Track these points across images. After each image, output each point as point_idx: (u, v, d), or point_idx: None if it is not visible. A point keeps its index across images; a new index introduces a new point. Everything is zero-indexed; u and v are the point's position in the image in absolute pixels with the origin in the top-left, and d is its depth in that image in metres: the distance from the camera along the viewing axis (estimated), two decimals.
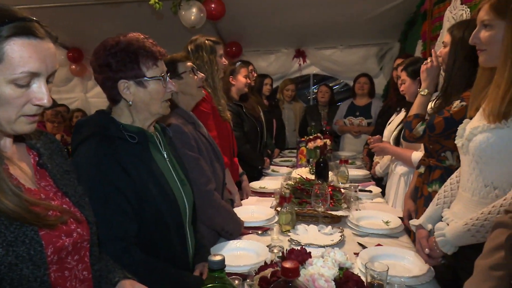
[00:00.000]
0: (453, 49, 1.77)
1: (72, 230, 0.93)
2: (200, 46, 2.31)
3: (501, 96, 1.18)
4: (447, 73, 1.81)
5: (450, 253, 1.32)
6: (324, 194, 1.91)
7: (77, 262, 0.95)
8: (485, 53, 1.30)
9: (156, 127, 1.45)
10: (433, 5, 3.38)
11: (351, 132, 4.32)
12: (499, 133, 1.21)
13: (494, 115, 1.20)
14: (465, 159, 1.37)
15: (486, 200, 1.27)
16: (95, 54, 1.26)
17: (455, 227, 1.29)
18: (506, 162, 1.22)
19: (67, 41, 5.63)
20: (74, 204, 0.98)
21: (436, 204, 1.54)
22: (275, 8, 4.29)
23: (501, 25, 1.21)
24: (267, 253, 1.59)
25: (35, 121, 0.88)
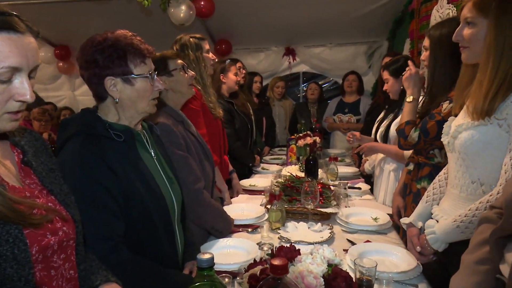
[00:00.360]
0: (432, 50, 1.80)
1: (58, 229, 0.92)
2: (185, 44, 2.30)
3: (484, 93, 1.20)
4: (430, 74, 1.84)
5: (441, 250, 1.34)
6: (314, 191, 1.92)
7: (63, 261, 0.93)
8: (468, 50, 1.31)
9: (144, 125, 1.44)
10: (421, 4, 3.41)
11: (340, 129, 4.35)
12: (483, 130, 1.23)
13: (478, 112, 1.22)
14: (452, 156, 1.39)
15: (474, 196, 1.29)
16: (82, 50, 1.24)
17: (444, 224, 1.31)
18: (491, 158, 1.24)
19: (54, 38, 5.55)
20: (59, 202, 0.97)
21: (425, 201, 1.56)
22: (264, 6, 4.29)
23: (483, 23, 1.23)
24: (257, 251, 1.59)
25: (18, 118, 0.87)
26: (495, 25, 1.18)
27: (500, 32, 1.17)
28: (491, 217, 1.05)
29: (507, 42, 1.16)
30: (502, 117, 1.18)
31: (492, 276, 0.98)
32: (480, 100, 1.21)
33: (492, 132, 1.21)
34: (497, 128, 1.20)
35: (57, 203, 0.96)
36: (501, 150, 1.21)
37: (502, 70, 1.17)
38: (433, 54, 1.80)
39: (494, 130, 1.21)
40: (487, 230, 1.02)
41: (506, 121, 1.18)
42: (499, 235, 0.95)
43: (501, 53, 1.17)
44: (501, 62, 1.17)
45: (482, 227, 1.06)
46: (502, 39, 1.17)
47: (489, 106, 1.19)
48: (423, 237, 1.41)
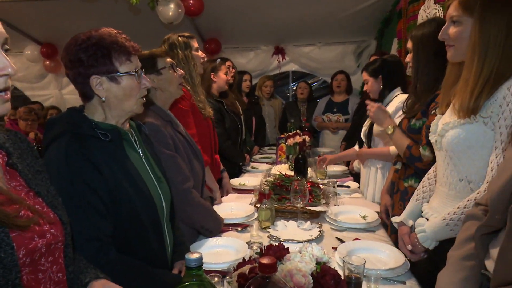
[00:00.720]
0: (415, 50, 1.83)
1: (45, 231, 0.90)
2: (174, 44, 2.28)
3: (469, 92, 1.21)
4: (414, 74, 1.86)
5: (432, 248, 1.35)
6: (303, 190, 1.93)
7: (51, 264, 0.92)
8: (453, 49, 1.33)
9: (132, 124, 1.43)
10: (408, 4, 3.45)
11: (329, 128, 4.38)
12: (469, 128, 1.25)
13: (464, 110, 1.23)
14: (440, 154, 1.41)
15: (462, 194, 1.30)
16: (66, 50, 1.22)
17: (434, 223, 1.33)
18: (477, 156, 1.25)
19: (41, 36, 5.47)
20: (47, 204, 0.96)
21: (415, 200, 1.57)
22: (254, 5, 4.29)
23: (469, 22, 1.24)
24: (247, 250, 1.59)
25: (7, 99, 0.86)
26: (480, 23, 1.19)
27: (484, 30, 1.19)
28: (476, 214, 1.07)
29: (491, 41, 1.18)
30: (487, 115, 1.20)
31: (477, 271, 1.00)
32: (466, 98, 1.22)
33: (478, 130, 1.23)
34: (483, 126, 1.22)
35: (45, 205, 0.95)
36: (487, 148, 1.22)
37: (487, 68, 1.19)
38: (416, 54, 1.82)
39: (479, 128, 1.23)
40: (472, 226, 1.03)
41: (491, 119, 1.20)
42: (484, 231, 0.97)
43: (485, 51, 1.19)
44: (486, 60, 1.19)
45: (467, 223, 1.08)
46: (487, 38, 1.18)
47: (475, 104, 1.21)
48: (413, 236, 1.43)
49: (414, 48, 1.83)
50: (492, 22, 1.18)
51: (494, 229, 0.95)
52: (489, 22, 1.18)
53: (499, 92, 1.17)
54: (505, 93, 1.16)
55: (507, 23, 1.16)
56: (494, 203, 0.93)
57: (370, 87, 2.57)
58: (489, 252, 0.97)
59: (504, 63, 1.17)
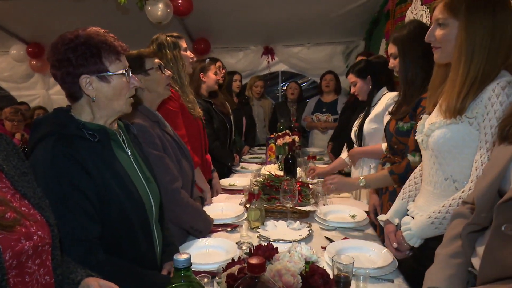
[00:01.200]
0: (400, 53, 1.85)
1: (32, 233, 0.89)
2: (162, 44, 2.27)
3: (456, 93, 1.23)
4: (401, 77, 1.88)
5: (417, 246, 1.37)
6: (293, 190, 1.93)
7: (38, 267, 0.91)
8: (440, 51, 1.34)
9: (120, 125, 1.41)
10: (396, 5, 3.48)
11: (318, 128, 4.40)
12: (455, 128, 1.27)
13: (450, 111, 1.25)
14: (426, 154, 1.42)
15: (447, 192, 1.32)
16: (53, 49, 1.20)
17: (419, 221, 1.35)
18: (462, 155, 1.27)
19: (27, 36, 5.39)
20: (33, 206, 0.94)
21: (401, 198, 1.59)
22: (243, 5, 4.28)
23: (454, 24, 1.26)
24: (236, 250, 1.59)
25: None
26: (466, 26, 1.21)
27: (470, 32, 1.21)
28: (463, 212, 1.09)
29: (477, 42, 1.20)
30: (473, 116, 1.22)
31: (464, 269, 1.02)
32: (453, 99, 1.24)
33: (463, 130, 1.25)
34: (468, 126, 1.24)
35: (31, 207, 0.94)
36: (472, 148, 1.25)
37: (473, 69, 1.20)
38: (402, 57, 1.84)
39: (465, 128, 1.25)
40: (459, 225, 1.05)
41: (476, 119, 1.22)
42: (471, 230, 0.98)
43: (472, 52, 1.21)
44: (472, 62, 1.21)
45: (455, 222, 1.10)
46: (473, 39, 1.20)
47: (461, 105, 1.23)
48: (399, 234, 1.44)
49: (400, 51, 1.85)
50: (478, 25, 1.20)
51: (480, 227, 0.97)
52: (474, 25, 1.20)
53: (484, 93, 1.19)
54: (490, 94, 1.18)
55: (492, 25, 1.19)
56: (481, 201, 0.95)
57: (359, 88, 2.59)
58: (475, 250, 0.99)
59: (490, 64, 1.20)
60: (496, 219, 0.86)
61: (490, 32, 1.19)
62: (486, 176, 0.96)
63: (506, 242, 0.82)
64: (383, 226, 1.62)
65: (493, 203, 0.90)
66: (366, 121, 2.52)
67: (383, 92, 2.49)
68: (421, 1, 2.73)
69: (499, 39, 1.19)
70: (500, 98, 1.15)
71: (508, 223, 0.83)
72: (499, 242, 0.84)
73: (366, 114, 2.56)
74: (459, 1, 1.23)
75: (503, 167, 0.90)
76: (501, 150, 0.95)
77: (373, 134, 2.49)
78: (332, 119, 4.34)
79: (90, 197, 1.18)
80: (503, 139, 0.94)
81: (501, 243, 0.84)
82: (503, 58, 1.19)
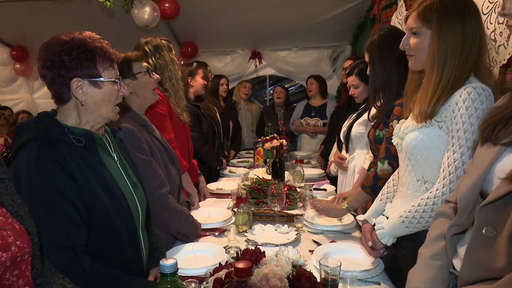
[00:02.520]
0: (370, 60, 1.89)
1: (10, 244, 0.86)
2: (159, 46, 2.26)
3: (429, 98, 1.28)
4: (370, 84, 1.93)
5: (389, 244, 1.41)
6: (280, 193, 1.93)
7: (16, 278, 0.87)
8: (414, 58, 1.39)
9: (106, 129, 1.40)
10: (381, 10, 3.54)
11: (307, 132, 4.42)
12: (425, 132, 1.32)
13: (422, 115, 1.30)
14: (400, 156, 1.48)
15: (419, 193, 1.37)
16: (46, 49, 1.19)
17: (391, 220, 1.39)
18: (432, 157, 1.32)
19: (11, 39, 5.30)
20: (12, 215, 0.91)
21: (380, 199, 1.63)
22: (230, 9, 4.29)
23: (427, 33, 1.30)
24: (224, 255, 1.59)
25: None
26: (438, 35, 1.26)
27: (442, 41, 1.26)
28: (446, 212, 1.11)
29: (449, 50, 1.25)
30: (442, 120, 1.27)
31: (445, 270, 1.03)
32: (425, 104, 1.29)
33: (433, 133, 1.30)
34: (438, 130, 1.29)
35: (9, 215, 0.91)
36: (441, 150, 1.30)
37: (446, 76, 1.26)
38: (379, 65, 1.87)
39: (435, 132, 1.30)
40: (442, 224, 1.07)
41: (445, 123, 1.27)
42: (455, 231, 1.00)
43: (444, 60, 1.26)
44: (445, 69, 1.26)
45: (437, 221, 1.12)
46: (445, 48, 1.25)
47: (432, 109, 1.28)
48: (374, 233, 1.48)
49: (370, 57, 1.90)
50: (449, 34, 1.25)
51: (463, 229, 0.99)
52: (446, 34, 1.25)
53: (452, 98, 1.25)
54: (457, 99, 1.23)
55: (462, 34, 1.24)
56: (463, 202, 0.96)
57: (360, 92, 2.49)
58: (456, 251, 1.01)
59: (460, 71, 1.25)
60: (477, 221, 0.87)
61: (461, 41, 1.24)
62: (469, 176, 0.98)
63: (487, 244, 0.84)
64: (361, 226, 1.65)
65: (475, 204, 0.92)
66: (356, 123, 2.53)
67: None
68: (405, 7, 2.78)
69: (468, 47, 1.24)
70: (466, 103, 1.20)
71: (488, 226, 0.84)
72: (480, 244, 0.86)
73: (358, 116, 2.57)
74: (431, 11, 1.28)
75: (485, 169, 0.92)
76: (483, 151, 0.97)
77: (359, 138, 2.51)
78: (321, 123, 4.36)
79: (75, 203, 1.16)
80: (485, 140, 0.96)
81: (482, 245, 0.85)
82: (471, 64, 1.25)
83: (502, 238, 0.80)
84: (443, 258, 1.04)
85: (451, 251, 1.01)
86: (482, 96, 1.19)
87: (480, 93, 1.19)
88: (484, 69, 1.26)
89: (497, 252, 0.81)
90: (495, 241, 0.82)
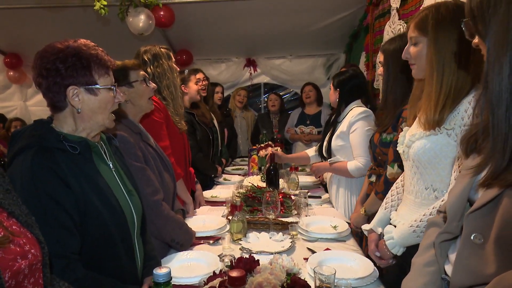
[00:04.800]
0: (386, 64, 1.91)
1: (27, 252, 0.88)
2: (158, 54, 2.27)
3: (433, 106, 1.29)
4: (384, 88, 1.94)
5: (400, 254, 1.40)
6: (275, 201, 1.93)
7: (32, 285, 0.89)
8: (415, 67, 1.41)
9: (102, 137, 1.40)
10: (375, 20, 3.58)
11: (302, 140, 4.43)
12: (434, 139, 1.32)
13: (429, 123, 1.31)
14: (407, 164, 1.47)
15: (427, 201, 1.37)
16: (41, 58, 1.19)
17: (401, 229, 1.38)
18: (441, 165, 1.33)
19: (4, 46, 5.29)
20: (22, 224, 0.92)
21: (384, 208, 1.63)
22: (225, 17, 4.32)
23: (425, 41, 1.33)
24: (218, 263, 1.58)
25: None
26: (434, 43, 1.29)
27: (438, 49, 1.28)
28: (437, 221, 1.11)
29: (446, 58, 1.27)
30: (451, 127, 1.28)
31: (438, 276, 1.04)
32: (431, 112, 1.30)
33: (442, 141, 1.31)
34: (446, 138, 1.30)
35: (20, 225, 0.92)
36: (450, 158, 1.30)
37: (446, 82, 1.27)
38: (387, 69, 1.90)
39: (443, 139, 1.30)
40: (433, 233, 1.08)
41: (454, 130, 1.28)
42: (444, 238, 1.01)
43: (442, 67, 1.28)
44: (444, 76, 1.27)
45: (429, 231, 1.13)
46: (442, 55, 1.27)
47: (439, 117, 1.28)
48: (382, 242, 1.47)
49: (385, 62, 1.91)
50: (445, 41, 1.27)
51: (453, 236, 0.99)
52: (441, 41, 1.28)
53: (461, 106, 1.26)
54: (466, 106, 1.24)
55: (457, 40, 1.25)
56: (451, 210, 0.97)
57: (331, 96, 2.60)
58: (448, 257, 1.01)
59: (462, 77, 1.26)
60: (465, 228, 0.88)
61: (456, 47, 1.26)
62: (457, 185, 0.99)
63: (475, 250, 0.85)
64: (367, 235, 1.65)
65: (463, 212, 0.92)
66: (334, 137, 2.54)
67: (350, 107, 2.48)
68: (398, 16, 2.82)
69: (466, 54, 1.24)
70: None
71: (476, 232, 0.85)
72: (469, 250, 0.87)
73: (334, 130, 2.57)
74: (427, 20, 1.31)
75: (472, 177, 0.93)
76: (469, 161, 0.98)
77: (340, 151, 2.51)
78: (316, 132, 4.37)
79: (69, 211, 1.16)
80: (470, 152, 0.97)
81: (471, 251, 0.86)
82: (474, 72, 1.25)
83: (489, 244, 0.81)
84: (435, 265, 1.05)
85: (442, 257, 1.02)
86: None
87: None
88: None
89: (486, 258, 0.81)
90: (484, 247, 0.83)
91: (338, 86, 2.52)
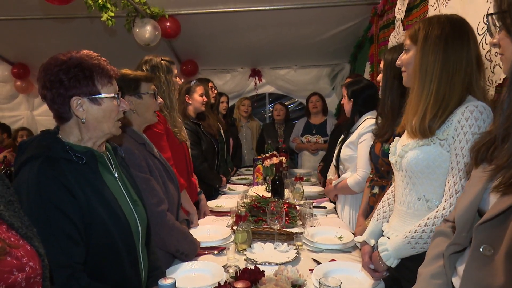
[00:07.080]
0: (384, 72, 1.92)
1: (24, 264, 0.87)
2: (157, 66, 2.29)
3: (420, 115, 1.30)
4: (382, 96, 1.95)
5: (394, 266, 1.39)
6: (280, 211, 1.93)
7: None
8: (406, 74, 1.44)
9: (107, 147, 1.41)
10: (379, 30, 3.59)
11: (308, 150, 4.43)
12: (427, 150, 1.32)
13: (421, 132, 1.31)
14: (399, 174, 1.47)
15: (420, 212, 1.36)
16: (45, 70, 1.21)
17: (396, 241, 1.37)
18: (434, 176, 1.32)
19: (12, 56, 5.36)
20: (22, 237, 0.92)
21: (376, 219, 1.62)
22: (230, 28, 4.36)
23: (414, 49, 1.36)
24: (223, 274, 1.57)
25: None
26: (420, 50, 1.32)
27: (423, 56, 1.31)
28: (445, 231, 1.10)
29: (429, 66, 1.29)
30: (444, 138, 1.28)
31: None
32: (417, 120, 1.31)
33: (435, 151, 1.31)
34: (439, 148, 1.30)
35: (19, 237, 0.91)
36: (443, 168, 1.30)
37: (426, 90, 1.29)
38: (385, 76, 1.91)
39: (436, 150, 1.30)
40: (441, 243, 1.06)
41: (446, 141, 1.28)
42: (453, 250, 0.99)
43: (424, 75, 1.30)
44: (425, 84, 1.30)
45: (437, 240, 1.11)
46: (425, 63, 1.30)
47: (430, 123, 1.28)
48: (375, 254, 1.46)
49: (384, 70, 1.92)
50: (431, 51, 1.29)
51: (462, 248, 0.98)
52: (427, 51, 1.30)
53: (454, 116, 1.26)
54: (459, 117, 1.25)
55: (443, 51, 1.28)
56: (460, 221, 0.96)
57: (345, 105, 2.59)
58: (456, 270, 1.00)
59: (449, 88, 1.27)
60: (475, 239, 0.87)
61: (442, 57, 1.28)
62: (467, 195, 0.98)
63: (485, 262, 0.83)
64: (359, 247, 1.63)
65: (472, 223, 0.91)
66: (343, 146, 2.55)
67: (364, 118, 2.48)
68: (403, 27, 2.83)
69: (452, 64, 1.27)
70: (469, 121, 1.22)
71: (486, 244, 0.84)
72: (478, 262, 0.85)
73: (345, 138, 2.58)
74: (418, 30, 1.35)
75: (482, 187, 0.92)
76: (479, 171, 0.97)
77: (348, 160, 2.51)
78: (322, 141, 4.37)
79: (74, 221, 1.16)
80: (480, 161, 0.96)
81: (480, 263, 0.85)
82: (461, 82, 1.27)
83: (499, 256, 0.80)
84: (442, 277, 1.03)
85: (450, 270, 1.00)
86: (484, 114, 1.21)
87: (482, 111, 1.21)
88: (478, 88, 1.28)
89: (495, 271, 0.80)
90: (493, 260, 0.81)
91: (352, 97, 2.51)
